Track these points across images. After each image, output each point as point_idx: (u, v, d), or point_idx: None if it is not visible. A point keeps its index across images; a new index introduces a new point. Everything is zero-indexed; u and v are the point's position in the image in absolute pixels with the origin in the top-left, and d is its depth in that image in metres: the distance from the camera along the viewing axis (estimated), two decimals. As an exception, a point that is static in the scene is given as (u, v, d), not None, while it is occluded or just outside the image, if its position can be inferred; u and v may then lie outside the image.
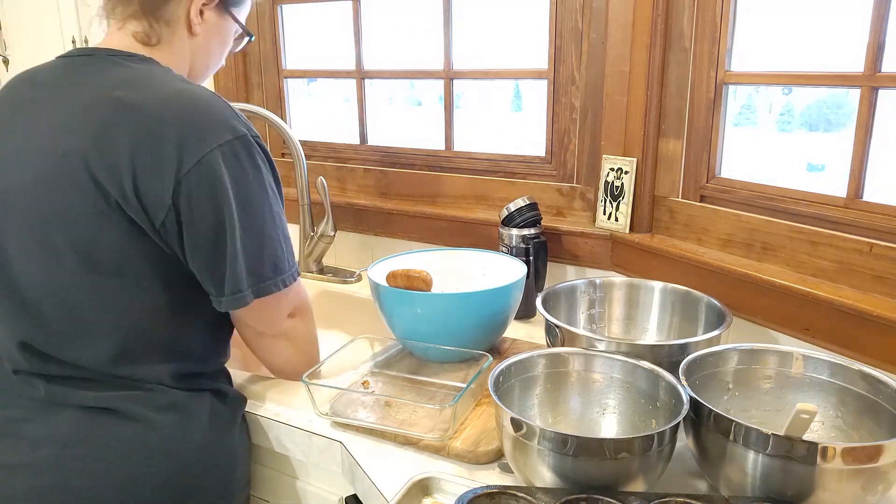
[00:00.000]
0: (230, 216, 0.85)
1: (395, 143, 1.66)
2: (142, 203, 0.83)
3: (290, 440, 0.98)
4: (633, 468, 0.72)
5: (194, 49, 0.98)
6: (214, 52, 1.02)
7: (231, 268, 0.87)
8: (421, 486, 0.81)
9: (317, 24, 1.77)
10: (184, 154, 0.82)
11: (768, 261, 1.13)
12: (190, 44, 0.97)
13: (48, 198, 0.84)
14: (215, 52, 1.02)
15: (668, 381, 0.83)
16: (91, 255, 0.84)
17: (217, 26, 0.99)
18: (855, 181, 1.03)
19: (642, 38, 1.23)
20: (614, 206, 1.33)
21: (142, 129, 0.83)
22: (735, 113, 1.26)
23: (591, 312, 1.16)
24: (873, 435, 0.79)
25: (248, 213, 0.87)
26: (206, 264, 0.87)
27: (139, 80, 0.88)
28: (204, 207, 0.84)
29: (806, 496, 0.69)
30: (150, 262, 0.86)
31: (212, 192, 0.84)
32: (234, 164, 0.85)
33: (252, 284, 0.89)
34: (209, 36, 0.99)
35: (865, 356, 0.95)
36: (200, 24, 0.97)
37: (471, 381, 0.94)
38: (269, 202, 0.90)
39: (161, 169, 0.82)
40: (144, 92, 0.86)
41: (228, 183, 0.85)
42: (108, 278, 0.85)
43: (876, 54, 0.98)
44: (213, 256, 0.87)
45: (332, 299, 1.53)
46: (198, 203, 0.84)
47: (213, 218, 0.85)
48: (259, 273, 0.89)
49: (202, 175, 0.83)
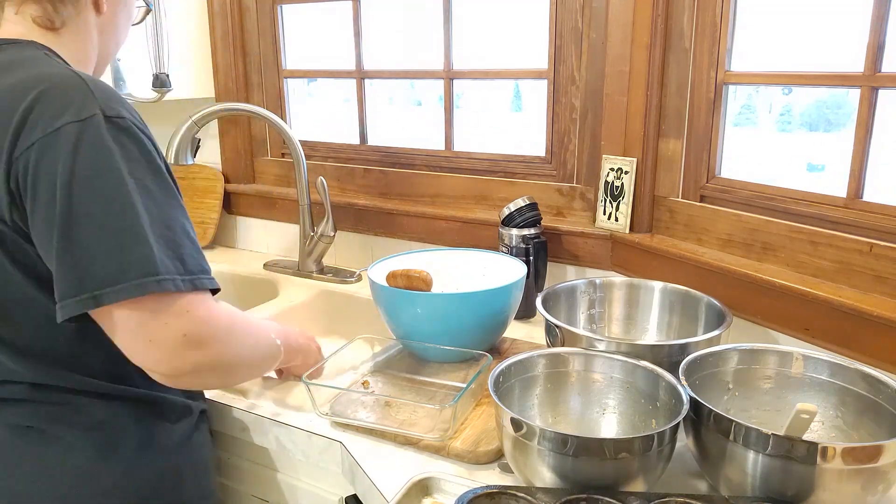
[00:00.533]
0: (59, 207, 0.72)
1: (395, 143, 1.66)
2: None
3: (290, 440, 0.98)
4: (633, 468, 0.72)
5: (102, 27, 0.92)
6: (121, 26, 0.96)
7: (59, 267, 0.73)
8: (421, 486, 0.81)
9: (317, 24, 1.77)
10: (20, 137, 0.74)
11: (768, 261, 1.13)
12: (98, 22, 0.91)
13: None
14: (122, 26, 0.96)
15: (668, 381, 0.83)
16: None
17: (122, 2, 0.94)
18: (855, 181, 1.03)
19: (642, 38, 1.23)
20: (614, 206, 1.33)
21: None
22: (735, 113, 1.26)
23: (591, 312, 1.16)
24: (873, 435, 0.79)
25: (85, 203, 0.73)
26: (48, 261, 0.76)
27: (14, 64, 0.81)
28: (33, 195, 0.74)
29: (806, 496, 0.69)
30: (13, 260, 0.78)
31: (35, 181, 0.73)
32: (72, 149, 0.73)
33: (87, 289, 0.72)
34: (116, 12, 0.94)
35: (865, 356, 0.95)
36: (109, 4, 0.91)
37: (471, 381, 0.94)
38: (125, 189, 0.74)
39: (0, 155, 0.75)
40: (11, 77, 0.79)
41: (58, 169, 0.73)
42: None
43: (876, 54, 0.98)
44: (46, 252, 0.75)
45: (332, 299, 1.53)
46: (25, 189, 0.74)
47: (42, 208, 0.73)
48: (100, 275, 0.72)
49: (33, 159, 0.74)
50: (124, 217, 0.74)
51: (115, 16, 0.93)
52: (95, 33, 0.91)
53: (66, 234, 0.72)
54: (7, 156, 0.74)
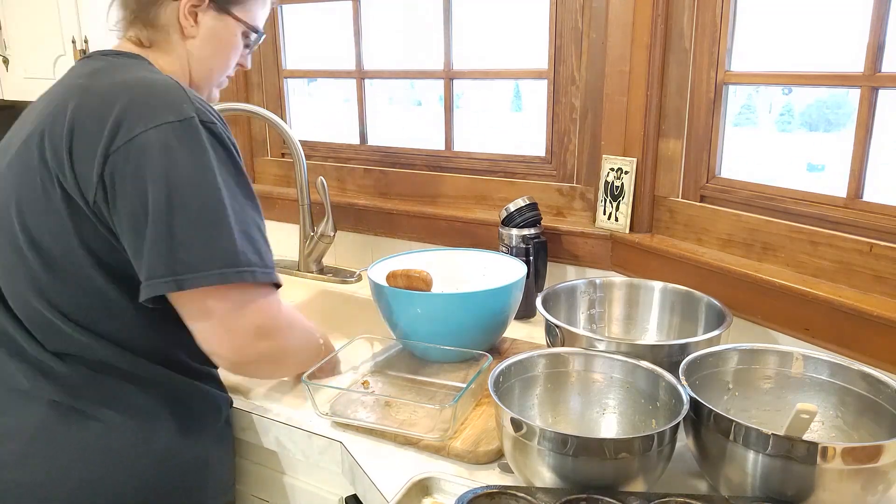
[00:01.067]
0: (156, 197, 0.79)
1: (395, 143, 1.66)
2: (77, 179, 0.82)
3: (290, 440, 0.98)
4: (633, 468, 0.72)
5: (192, 51, 0.97)
6: (215, 54, 0.99)
7: (151, 252, 0.80)
8: (421, 486, 0.81)
9: (317, 24, 1.77)
10: (118, 131, 0.81)
11: (768, 261, 1.13)
12: (186, 46, 0.97)
13: (13, 184, 0.87)
14: (216, 54, 0.99)
15: (669, 381, 0.83)
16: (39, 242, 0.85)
17: (213, 28, 0.97)
18: (855, 181, 1.02)
19: (642, 38, 1.23)
20: (614, 206, 1.33)
21: (85, 108, 0.84)
22: (735, 113, 1.26)
23: (592, 312, 1.15)
24: (873, 435, 0.79)
25: (182, 196, 0.80)
26: (131, 247, 0.82)
27: (107, 70, 0.90)
28: (128, 185, 0.80)
29: (806, 496, 0.69)
30: (88, 246, 0.84)
31: (137, 171, 0.80)
32: (173, 145, 0.80)
33: (175, 272, 0.79)
34: (206, 38, 0.97)
35: (865, 356, 0.95)
36: (193, 27, 0.95)
37: (471, 382, 0.94)
38: (216, 188, 0.82)
39: (95, 145, 0.81)
40: (104, 79, 0.87)
41: (159, 163, 0.80)
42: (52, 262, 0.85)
43: (876, 54, 0.98)
44: (136, 238, 0.81)
45: (332, 299, 1.53)
46: (122, 180, 0.80)
47: (136, 197, 0.80)
48: (188, 261, 0.79)
49: (130, 152, 0.80)
50: (215, 212, 0.81)
51: (203, 42, 0.97)
52: (185, 56, 0.97)
53: (162, 222, 0.79)
54: (105, 147, 0.80)
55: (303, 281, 1.58)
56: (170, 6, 0.94)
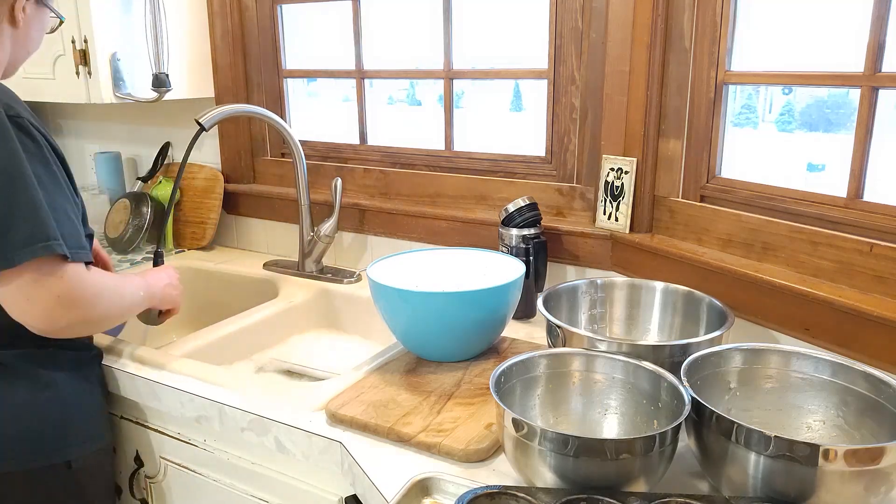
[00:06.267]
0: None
1: (395, 143, 1.66)
2: None
3: (289, 440, 0.98)
4: (634, 469, 0.72)
5: (17, 39, 1.04)
6: (34, 38, 1.08)
7: None
8: (421, 486, 0.81)
9: (317, 24, 1.77)
10: None
11: (768, 261, 1.13)
12: (12, 33, 1.03)
13: None
14: (35, 38, 1.08)
15: (670, 382, 0.83)
16: None
17: (37, 17, 1.06)
18: (855, 181, 1.02)
19: (642, 38, 1.23)
20: (614, 206, 1.33)
21: None
22: (735, 113, 1.26)
23: (593, 313, 1.15)
24: (875, 435, 0.79)
25: None
26: None
27: None
28: None
29: (808, 497, 0.69)
30: None
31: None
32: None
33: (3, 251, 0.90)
34: (30, 26, 1.05)
35: (866, 356, 0.95)
36: (24, 18, 1.02)
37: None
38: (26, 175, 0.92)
39: None
40: None
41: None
42: None
43: (876, 54, 0.98)
44: None
45: (332, 299, 1.53)
46: None
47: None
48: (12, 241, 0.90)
49: None
50: (26, 196, 0.91)
51: (28, 29, 1.05)
52: (9, 43, 1.04)
53: None
54: None
55: (303, 281, 1.58)
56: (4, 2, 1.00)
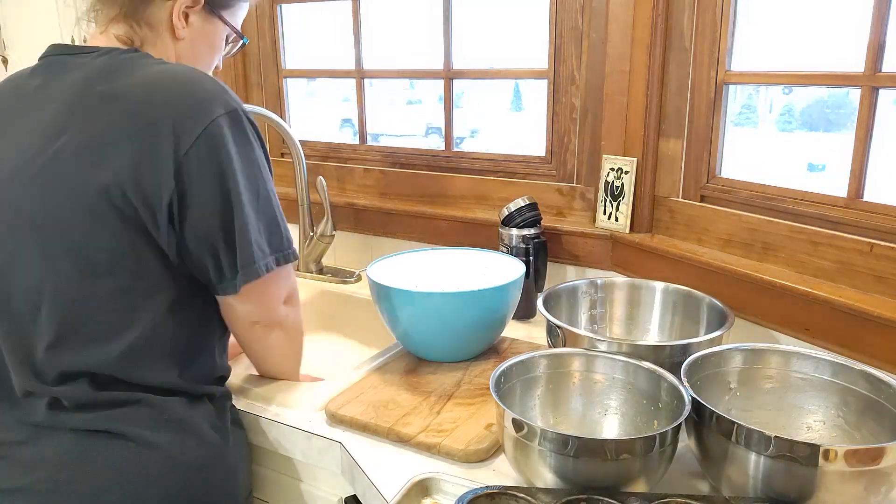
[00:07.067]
0: (235, 190, 0.85)
1: (395, 143, 1.66)
2: (142, 191, 0.81)
3: (289, 441, 0.98)
4: (634, 469, 0.72)
5: (180, 53, 0.96)
6: (201, 56, 0.99)
7: (241, 241, 0.86)
8: (421, 487, 0.81)
9: (317, 24, 1.77)
10: (180, 134, 0.81)
11: (769, 261, 1.12)
12: (175, 47, 0.96)
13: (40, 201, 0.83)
14: (202, 56, 1.00)
15: (670, 382, 0.83)
16: (86, 258, 0.82)
17: (203, 30, 0.97)
18: (855, 181, 1.02)
19: (642, 38, 1.23)
20: (614, 206, 1.33)
21: (131, 117, 0.82)
22: (735, 113, 1.26)
23: (593, 313, 1.15)
24: (875, 435, 0.79)
25: (248, 188, 0.87)
26: (214, 244, 0.85)
27: (115, 69, 0.86)
28: (209, 185, 0.83)
29: (808, 497, 0.69)
30: (142, 259, 0.84)
31: (215, 169, 0.83)
32: (230, 138, 0.85)
33: (261, 258, 0.88)
34: (195, 40, 0.97)
35: (866, 356, 0.95)
36: (185, 28, 0.94)
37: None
38: (264, 178, 0.90)
39: (160, 153, 0.81)
40: (124, 80, 0.85)
41: (230, 157, 0.84)
42: (103, 280, 0.83)
43: (876, 54, 0.98)
44: (223, 233, 0.85)
45: (332, 299, 1.52)
46: (201, 181, 0.83)
47: (219, 195, 0.84)
48: (263, 248, 0.89)
49: (202, 153, 0.82)
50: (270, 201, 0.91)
51: (193, 44, 0.97)
52: (173, 58, 0.96)
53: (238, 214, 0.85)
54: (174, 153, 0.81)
55: (303, 281, 1.58)
56: (163, 6, 0.92)
